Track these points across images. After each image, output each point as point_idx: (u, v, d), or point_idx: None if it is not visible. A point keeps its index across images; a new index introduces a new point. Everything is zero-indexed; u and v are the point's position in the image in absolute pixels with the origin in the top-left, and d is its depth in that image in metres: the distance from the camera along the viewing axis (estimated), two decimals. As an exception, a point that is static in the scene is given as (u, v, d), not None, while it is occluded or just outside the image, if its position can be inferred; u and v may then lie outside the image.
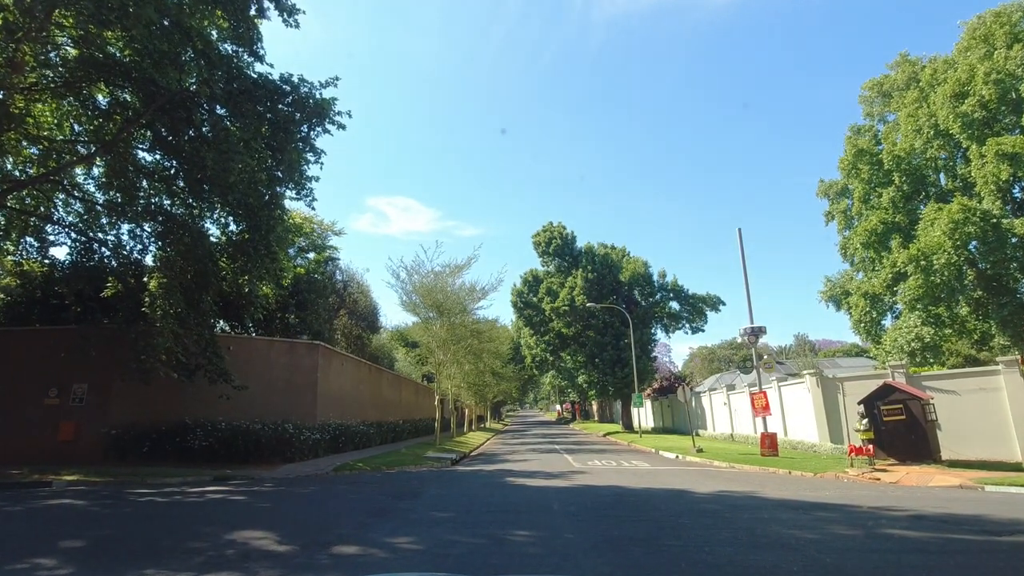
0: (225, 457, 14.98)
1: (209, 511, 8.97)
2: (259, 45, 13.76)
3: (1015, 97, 22.95)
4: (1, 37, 11.14)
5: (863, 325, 27.87)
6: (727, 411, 29.03)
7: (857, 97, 32.79)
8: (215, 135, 12.84)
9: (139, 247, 16.68)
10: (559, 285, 42.47)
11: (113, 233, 16.99)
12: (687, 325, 43.17)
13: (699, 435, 29.14)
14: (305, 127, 14.39)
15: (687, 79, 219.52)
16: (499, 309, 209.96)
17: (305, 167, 15.00)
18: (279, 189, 15.21)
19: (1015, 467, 15.07)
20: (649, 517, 7.94)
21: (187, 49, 12.77)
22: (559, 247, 43.81)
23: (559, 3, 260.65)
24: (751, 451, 19.54)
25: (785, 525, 7.38)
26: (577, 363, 46.17)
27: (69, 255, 17.21)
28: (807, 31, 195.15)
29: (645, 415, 42.38)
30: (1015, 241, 22.09)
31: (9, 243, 16.67)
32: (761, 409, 19.32)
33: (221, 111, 13.76)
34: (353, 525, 7.41)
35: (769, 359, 30.86)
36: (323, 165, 15.38)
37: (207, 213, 16.21)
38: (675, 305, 43.19)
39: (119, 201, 15.49)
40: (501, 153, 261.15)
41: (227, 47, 14.00)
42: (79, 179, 16.80)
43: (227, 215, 15.88)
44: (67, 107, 15.00)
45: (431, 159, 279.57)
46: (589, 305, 38.45)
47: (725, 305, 43.15)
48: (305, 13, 13.35)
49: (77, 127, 15.70)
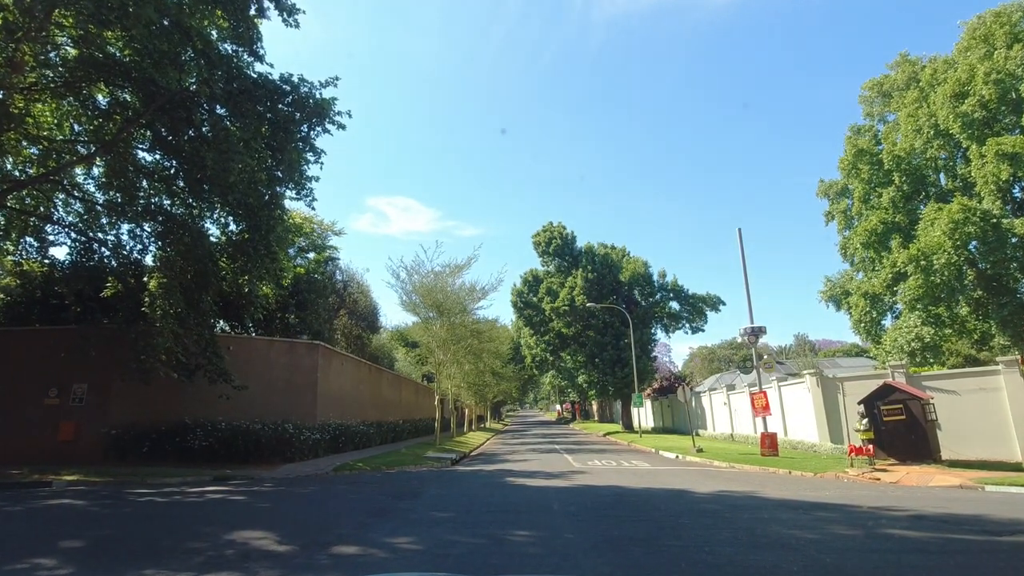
0: (225, 457, 14.98)
1: (209, 511, 8.97)
2: (259, 45, 13.75)
3: (1015, 97, 22.95)
4: (1, 37, 11.14)
5: (863, 325, 27.88)
6: (727, 411, 29.03)
7: (857, 97, 32.85)
8: (215, 135, 12.83)
9: (139, 247, 16.71)
10: (559, 285, 42.47)
11: (113, 233, 17.00)
12: (687, 325, 43.23)
13: (699, 435, 29.14)
14: (305, 127, 14.38)
15: (687, 79, 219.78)
16: (499, 309, 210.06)
17: (305, 167, 14.99)
18: (279, 189, 15.21)
19: (1015, 467, 15.08)
20: (649, 517, 7.94)
21: (187, 49, 12.77)
22: (559, 247, 43.83)
23: (559, 3, 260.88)
24: (751, 451, 19.54)
25: (785, 525, 7.38)
26: (577, 363, 46.17)
27: (69, 255, 17.22)
28: (807, 31, 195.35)
29: (645, 415, 42.38)
30: (1015, 241, 22.09)
31: (9, 243, 16.67)
32: (761, 409, 19.32)
33: (221, 111, 13.75)
34: (353, 525, 7.41)
35: (769, 359, 30.89)
36: (323, 165, 15.40)
37: (207, 213, 16.22)
38: (675, 305, 43.24)
39: (119, 201, 15.49)
40: (501, 153, 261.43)
41: (227, 47, 14.00)
42: (79, 179, 16.80)
43: (227, 215, 15.88)
44: (67, 107, 15.00)
45: (431, 159, 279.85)
46: (589, 305, 38.46)
47: (725, 305, 43.27)
48: (305, 13, 13.35)
49: (77, 127, 15.70)
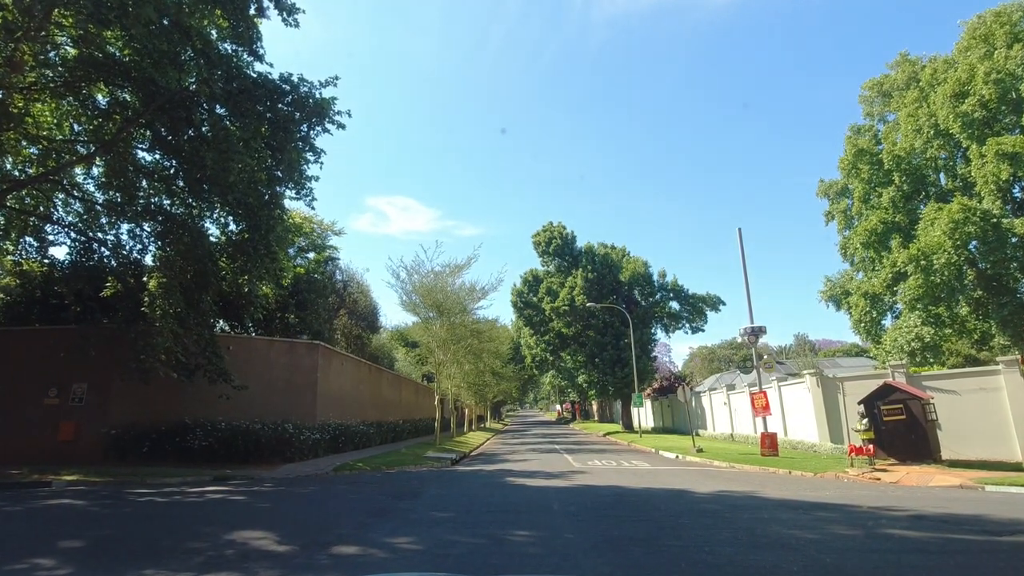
0: (225, 457, 14.97)
1: (209, 511, 8.96)
2: (259, 44, 13.72)
3: (1015, 97, 22.94)
4: (1, 36, 11.13)
5: (863, 325, 27.86)
6: (727, 411, 29.02)
7: (857, 97, 32.84)
8: (215, 135, 12.81)
9: (139, 247, 16.70)
10: (559, 285, 42.46)
11: (113, 233, 16.99)
12: (687, 325, 43.21)
13: (699, 435, 29.13)
14: (305, 126, 14.35)
15: (687, 79, 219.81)
16: (499, 309, 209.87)
17: (305, 167, 14.97)
18: (279, 189, 15.19)
19: (1015, 467, 15.07)
20: (649, 517, 7.94)
21: (187, 49, 12.76)
22: (559, 247, 43.82)
23: (559, 3, 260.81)
24: (751, 451, 19.54)
25: (785, 525, 7.38)
26: (577, 363, 46.16)
27: (69, 255, 17.21)
28: (807, 31, 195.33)
29: (645, 415, 42.37)
30: (1015, 241, 22.08)
31: (9, 243, 16.67)
32: (761, 409, 19.31)
33: (221, 111, 13.73)
34: (353, 525, 7.40)
35: (769, 359, 30.91)
36: (323, 165, 15.35)
37: (207, 213, 16.20)
38: (675, 305, 43.22)
39: (119, 201, 15.48)
40: (501, 153, 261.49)
41: (227, 46, 13.99)
42: (79, 179, 16.80)
43: (227, 215, 15.86)
44: (67, 107, 14.98)
45: (431, 159, 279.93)
46: (589, 305, 38.45)
47: (725, 305, 43.26)
48: (305, 12, 13.31)
49: (77, 127, 15.69)
